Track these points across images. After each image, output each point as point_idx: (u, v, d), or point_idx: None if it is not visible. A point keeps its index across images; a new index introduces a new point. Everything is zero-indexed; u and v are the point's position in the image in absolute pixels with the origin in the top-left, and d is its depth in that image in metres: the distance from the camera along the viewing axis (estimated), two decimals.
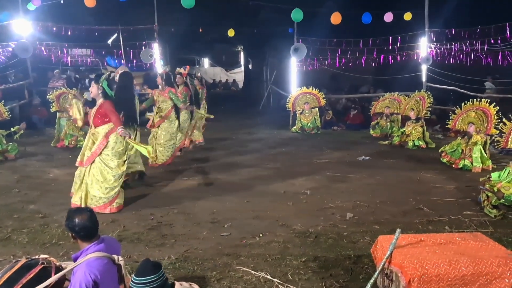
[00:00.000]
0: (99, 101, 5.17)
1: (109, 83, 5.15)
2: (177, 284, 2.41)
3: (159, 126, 7.47)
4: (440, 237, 3.24)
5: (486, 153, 7.26)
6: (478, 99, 7.84)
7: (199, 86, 9.75)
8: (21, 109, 11.68)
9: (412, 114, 9.62)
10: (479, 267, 2.81)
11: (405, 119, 9.97)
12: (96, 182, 5.13)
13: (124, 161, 5.32)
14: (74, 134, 9.21)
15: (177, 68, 8.78)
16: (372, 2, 12.89)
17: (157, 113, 7.51)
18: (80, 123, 5.70)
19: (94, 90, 5.13)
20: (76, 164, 5.30)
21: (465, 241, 3.14)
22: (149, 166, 7.19)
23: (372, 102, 11.72)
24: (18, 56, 11.90)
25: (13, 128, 8.42)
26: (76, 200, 5.17)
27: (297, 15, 11.67)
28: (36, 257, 2.85)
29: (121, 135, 5.12)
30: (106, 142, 5.13)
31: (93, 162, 5.14)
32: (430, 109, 9.77)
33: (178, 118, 7.62)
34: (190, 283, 2.47)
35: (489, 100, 7.65)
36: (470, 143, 7.32)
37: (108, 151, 5.15)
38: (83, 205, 5.05)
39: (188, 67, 8.84)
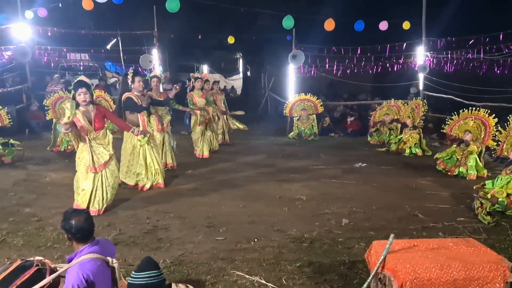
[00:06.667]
0: (89, 106, 5.07)
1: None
2: (173, 285, 2.43)
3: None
4: (432, 242, 3.26)
5: (481, 162, 7.30)
6: (476, 108, 7.84)
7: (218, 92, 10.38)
8: (19, 114, 11.68)
9: (409, 122, 9.70)
10: (470, 272, 2.83)
11: (403, 126, 10.02)
12: (115, 178, 5.34)
13: None
14: (71, 140, 9.17)
15: (192, 74, 9.33)
16: (369, 10, 12.98)
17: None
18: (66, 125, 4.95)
19: (89, 97, 5.05)
20: (97, 171, 5.15)
21: (457, 246, 3.16)
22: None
23: (370, 112, 11.77)
24: (16, 60, 11.92)
25: (13, 141, 8.28)
26: (95, 207, 5.18)
27: (288, 22, 11.75)
28: (31, 259, 2.86)
29: (142, 134, 5.79)
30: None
31: None
32: (424, 117, 9.89)
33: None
34: (187, 284, 2.48)
35: (488, 110, 7.67)
36: (466, 151, 7.37)
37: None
38: (102, 207, 5.23)
39: (205, 74, 9.26)
